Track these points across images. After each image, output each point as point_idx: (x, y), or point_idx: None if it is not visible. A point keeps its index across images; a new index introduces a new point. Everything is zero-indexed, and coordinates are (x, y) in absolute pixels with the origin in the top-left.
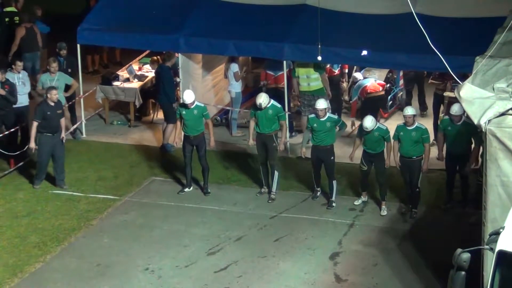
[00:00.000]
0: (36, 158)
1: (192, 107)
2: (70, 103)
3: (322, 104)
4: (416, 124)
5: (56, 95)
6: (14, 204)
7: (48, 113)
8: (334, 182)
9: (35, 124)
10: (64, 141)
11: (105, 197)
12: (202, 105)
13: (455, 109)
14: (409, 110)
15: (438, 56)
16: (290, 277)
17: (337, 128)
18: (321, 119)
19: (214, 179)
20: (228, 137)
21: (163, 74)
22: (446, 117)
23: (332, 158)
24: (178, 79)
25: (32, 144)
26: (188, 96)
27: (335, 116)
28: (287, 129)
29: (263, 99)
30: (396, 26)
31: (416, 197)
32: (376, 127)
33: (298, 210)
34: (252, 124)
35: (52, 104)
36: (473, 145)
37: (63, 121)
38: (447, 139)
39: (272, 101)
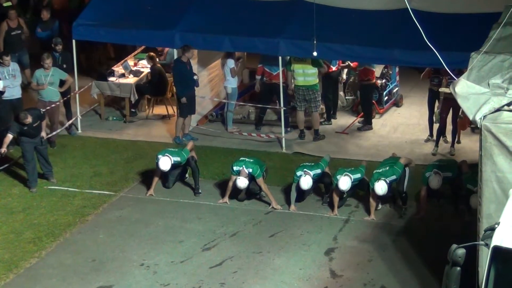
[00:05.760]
0: (24, 164)
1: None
2: (65, 98)
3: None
4: (386, 184)
5: (28, 120)
6: (9, 199)
7: (25, 128)
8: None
9: (9, 136)
10: (44, 138)
11: (101, 192)
12: (179, 159)
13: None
14: (378, 191)
15: (433, 52)
16: (285, 273)
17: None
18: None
19: (209, 175)
20: (224, 133)
21: (173, 68)
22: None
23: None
24: (195, 77)
25: (3, 149)
26: (164, 164)
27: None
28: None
29: None
30: (392, 22)
31: (404, 199)
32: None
33: (294, 205)
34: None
35: (27, 123)
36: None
37: (44, 123)
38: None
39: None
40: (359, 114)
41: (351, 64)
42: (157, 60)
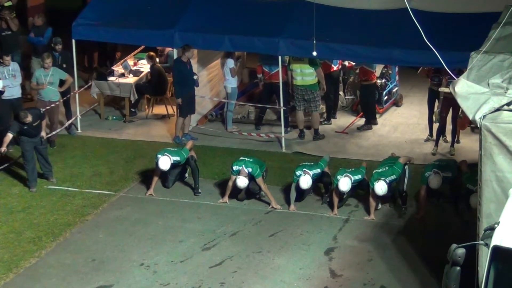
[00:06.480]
0: (24, 163)
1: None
2: (65, 98)
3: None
4: (386, 184)
5: (28, 119)
6: (9, 199)
7: (25, 127)
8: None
9: (9, 135)
10: (44, 138)
11: (101, 192)
12: (179, 158)
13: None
14: (378, 191)
15: (433, 51)
16: (285, 273)
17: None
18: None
19: (209, 175)
20: (224, 132)
21: (173, 67)
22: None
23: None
24: (195, 77)
25: (3, 149)
26: (164, 164)
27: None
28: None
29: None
30: (391, 21)
31: (404, 198)
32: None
33: (294, 205)
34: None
35: (27, 123)
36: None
37: (43, 123)
38: None
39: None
40: (358, 114)
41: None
42: (157, 60)
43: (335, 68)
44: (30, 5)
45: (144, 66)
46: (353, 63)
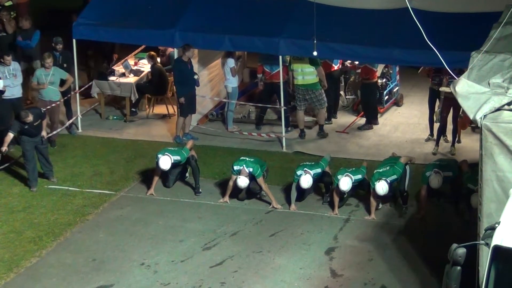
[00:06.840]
0: (25, 163)
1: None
2: (65, 97)
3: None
4: (387, 184)
5: (29, 119)
6: (10, 199)
7: (26, 127)
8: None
9: (10, 135)
10: (44, 138)
11: (101, 192)
12: (179, 158)
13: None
14: (379, 191)
15: (434, 51)
16: (286, 272)
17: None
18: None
19: (209, 174)
20: (224, 132)
21: (174, 67)
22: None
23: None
24: (196, 76)
25: (4, 148)
26: (164, 164)
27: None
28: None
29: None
30: (392, 21)
31: (405, 198)
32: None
33: (294, 204)
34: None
35: (28, 122)
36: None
37: (44, 122)
38: None
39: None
40: (359, 114)
41: (349, 65)
42: (158, 59)
43: (335, 67)
44: (17, 1)
45: (145, 66)
46: (356, 63)
